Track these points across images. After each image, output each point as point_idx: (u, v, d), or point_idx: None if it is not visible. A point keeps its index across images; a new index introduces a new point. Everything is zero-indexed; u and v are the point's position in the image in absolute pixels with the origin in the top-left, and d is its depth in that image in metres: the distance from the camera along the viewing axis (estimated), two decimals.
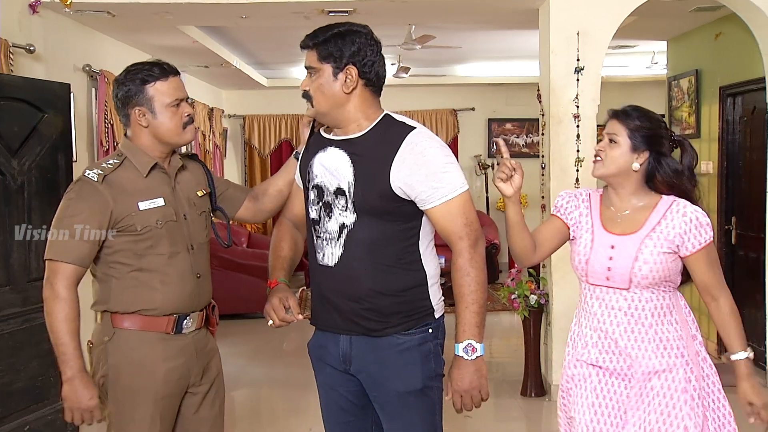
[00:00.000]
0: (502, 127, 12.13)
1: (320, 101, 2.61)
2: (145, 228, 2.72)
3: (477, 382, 2.58)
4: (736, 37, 6.46)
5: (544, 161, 5.86)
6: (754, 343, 6.35)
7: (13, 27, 5.07)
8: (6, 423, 4.53)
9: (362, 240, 2.58)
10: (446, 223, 2.57)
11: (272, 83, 11.56)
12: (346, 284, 2.61)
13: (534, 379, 5.82)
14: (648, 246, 2.69)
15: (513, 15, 6.36)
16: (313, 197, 2.70)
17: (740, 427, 2.84)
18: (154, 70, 2.75)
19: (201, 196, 2.95)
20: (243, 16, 6.15)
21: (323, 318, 2.73)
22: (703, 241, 2.69)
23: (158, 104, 2.74)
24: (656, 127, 2.75)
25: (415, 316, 2.63)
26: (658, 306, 2.74)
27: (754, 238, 6.37)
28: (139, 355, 2.76)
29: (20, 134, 4.67)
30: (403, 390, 2.62)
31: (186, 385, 2.87)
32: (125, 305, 2.75)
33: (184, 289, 2.81)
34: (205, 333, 2.97)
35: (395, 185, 2.53)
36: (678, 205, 2.72)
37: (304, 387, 6.32)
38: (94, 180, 2.68)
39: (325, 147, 2.69)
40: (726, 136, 6.80)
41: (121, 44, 7.18)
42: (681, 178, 2.76)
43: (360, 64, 2.58)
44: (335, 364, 2.72)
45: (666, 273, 2.70)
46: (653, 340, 2.73)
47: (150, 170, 2.79)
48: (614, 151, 2.75)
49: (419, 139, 2.56)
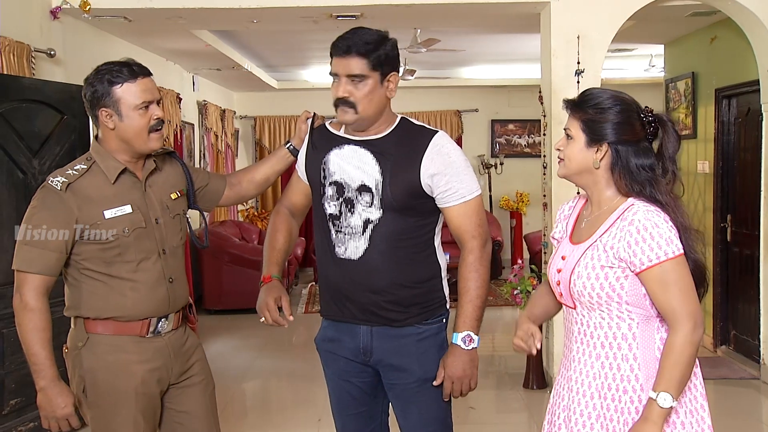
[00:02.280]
0: (504, 128, 12.18)
1: (367, 108, 2.63)
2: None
3: (470, 371, 2.68)
4: (730, 40, 6.53)
5: (545, 161, 5.94)
6: (747, 336, 6.51)
7: (35, 32, 5.22)
8: (28, 412, 4.67)
9: (387, 234, 2.67)
10: (461, 222, 2.69)
11: (282, 85, 11.68)
12: (369, 277, 2.69)
13: (535, 372, 5.91)
14: (587, 257, 2.25)
15: (515, 19, 6.42)
16: (331, 193, 2.74)
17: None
18: (123, 71, 2.63)
19: (175, 199, 2.84)
20: (254, 21, 6.23)
21: (337, 311, 2.79)
22: (654, 258, 2.13)
23: (125, 107, 2.62)
24: (616, 113, 2.23)
25: (432, 307, 2.75)
26: (610, 335, 2.24)
27: (748, 236, 6.46)
28: (114, 359, 2.69)
29: (41, 135, 4.79)
30: (422, 377, 2.72)
31: (166, 385, 2.81)
32: (97, 311, 2.67)
33: (155, 294, 2.72)
34: (184, 331, 2.88)
35: (424, 182, 2.64)
36: (630, 210, 2.20)
37: (311, 379, 6.46)
38: (57, 189, 2.59)
39: (341, 144, 2.74)
40: (721, 136, 6.86)
41: (137, 48, 7.28)
42: (645, 173, 2.24)
43: (397, 70, 2.68)
44: (351, 355, 2.79)
45: (610, 292, 2.20)
46: (598, 376, 2.26)
47: (118, 176, 2.68)
48: (571, 147, 2.30)
49: (444, 142, 2.68)
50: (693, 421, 2.26)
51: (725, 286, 6.92)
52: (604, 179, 2.28)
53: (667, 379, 2.13)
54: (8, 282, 4.47)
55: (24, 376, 4.62)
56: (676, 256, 2.14)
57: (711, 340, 7.01)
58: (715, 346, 6.99)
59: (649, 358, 2.23)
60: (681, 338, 2.13)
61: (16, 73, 4.80)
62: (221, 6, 5.66)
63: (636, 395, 2.22)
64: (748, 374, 6.25)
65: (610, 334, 2.25)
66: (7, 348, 4.53)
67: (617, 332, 2.24)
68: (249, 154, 12.26)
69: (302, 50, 9.13)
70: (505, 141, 12.13)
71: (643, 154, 2.25)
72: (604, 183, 2.29)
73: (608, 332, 2.25)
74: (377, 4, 5.69)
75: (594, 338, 2.28)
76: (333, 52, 2.64)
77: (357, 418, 2.89)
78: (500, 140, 12.11)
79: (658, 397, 2.12)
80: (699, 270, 2.27)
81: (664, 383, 2.13)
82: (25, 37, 5.02)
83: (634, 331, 2.23)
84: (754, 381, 6.13)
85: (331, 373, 2.90)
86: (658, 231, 2.14)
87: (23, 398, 4.64)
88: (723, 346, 6.96)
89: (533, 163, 9.15)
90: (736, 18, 5.87)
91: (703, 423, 2.28)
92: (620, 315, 2.23)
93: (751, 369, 6.31)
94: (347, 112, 2.63)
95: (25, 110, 4.69)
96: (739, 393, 5.95)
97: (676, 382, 2.13)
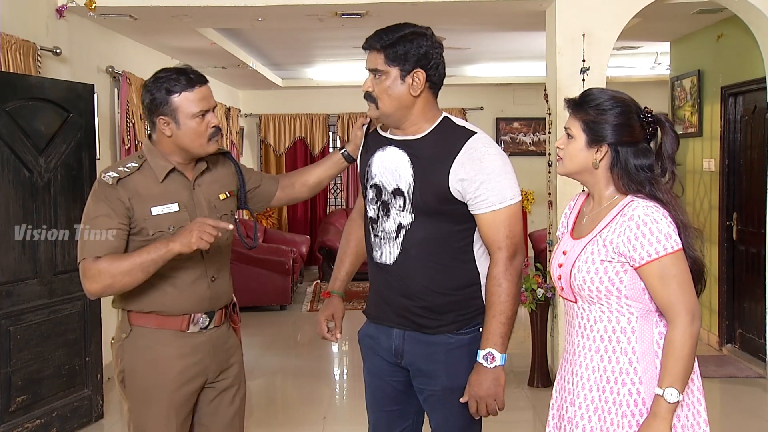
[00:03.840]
0: (509, 126, 12.16)
1: (386, 103, 2.60)
2: (157, 233, 2.67)
3: (493, 391, 2.57)
4: (737, 38, 6.53)
5: (550, 159, 5.95)
6: (753, 335, 6.50)
7: (41, 31, 5.24)
8: (35, 409, 4.71)
9: (419, 240, 2.62)
10: (489, 231, 2.58)
11: (287, 83, 11.68)
12: (402, 282, 2.66)
13: (540, 370, 5.95)
14: (587, 252, 2.29)
15: (520, 17, 6.42)
16: (371, 196, 2.73)
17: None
18: (181, 79, 2.66)
19: (223, 199, 2.87)
20: (259, 19, 6.23)
21: (377, 311, 2.80)
22: (653, 252, 2.17)
23: (182, 115, 2.66)
24: (616, 114, 2.28)
25: (468, 315, 2.66)
26: (609, 329, 2.28)
27: (754, 234, 6.46)
28: (154, 352, 2.74)
29: (47, 133, 4.81)
30: (448, 386, 2.67)
31: (203, 382, 2.84)
32: (140, 305, 2.73)
33: (195, 291, 2.76)
34: (226, 330, 2.92)
35: (453, 187, 2.55)
36: (630, 206, 2.25)
37: (317, 377, 6.52)
38: (109, 183, 2.65)
39: (384, 146, 2.72)
40: (727, 134, 6.86)
41: (142, 46, 7.28)
42: (644, 173, 2.28)
43: (427, 68, 2.58)
44: (386, 356, 2.78)
45: (609, 286, 2.24)
46: (597, 369, 2.30)
47: (167, 175, 2.73)
48: (571, 146, 2.34)
49: (479, 145, 2.57)
50: (689, 414, 2.29)
51: (731, 284, 6.91)
52: (603, 178, 2.33)
53: (671, 374, 2.16)
54: (14, 280, 4.57)
55: (31, 374, 4.66)
56: (675, 251, 2.18)
57: (717, 339, 7.01)
58: (720, 345, 6.97)
59: (648, 351, 2.26)
60: (680, 332, 2.17)
61: (22, 71, 4.82)
62: (227, 4, 5.67)
63: (635, 388, 2.25)
64: (754, 373, 6.24)
65: (610, 328, 2.28)
66: (14, 346, 4.55)
67: (616, 326, 2.28)
68: (254, 152, 12.28)
69: (307, 48, 9.14)
70: (510, 139, 12.11)
71: (642, 155, 2.29)
72: (604, 182, 2.34)
73: (608, 326, 2.29)
74: (383, 2, 5.70)
75: (594, 332, 2.31)
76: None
77: (390, 415, 2.88)
78: (505, 138, 12.09)
79: (664, 393, 2.15)
80: (697, 267, 2.30)
81: (669, 378, 2.16)
82: (31, 36, 5.04)
83: (633, 325, 2.26)
84: (761, 380, 6.12)
85: (368, 368, 2.90)
86: (657, 226, 2.18)
87: (30, 395, 4.67)
88: (729, 345, 6.95)
89: (538, 161, 9.13)
90: (742, 15, 5.87)
91: (699, 416, 2.30)
92: (620, 309, 2.27)
93: (757, 368, 6.30)
94: (370, 107, 2.65)
95: (31, 108, 4.71)
96: (745, 391, 5.95)
97: (681, 376, 2.16)
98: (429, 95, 2.65)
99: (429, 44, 2.59)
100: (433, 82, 2.63)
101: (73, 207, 4.98)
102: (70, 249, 4.97)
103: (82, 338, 5.11)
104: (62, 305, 4.95)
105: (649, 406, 2.22)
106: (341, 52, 9.19)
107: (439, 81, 2.65)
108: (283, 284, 8.89)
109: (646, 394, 2.24)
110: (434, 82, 2.64)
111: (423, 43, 2.58)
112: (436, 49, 2.61)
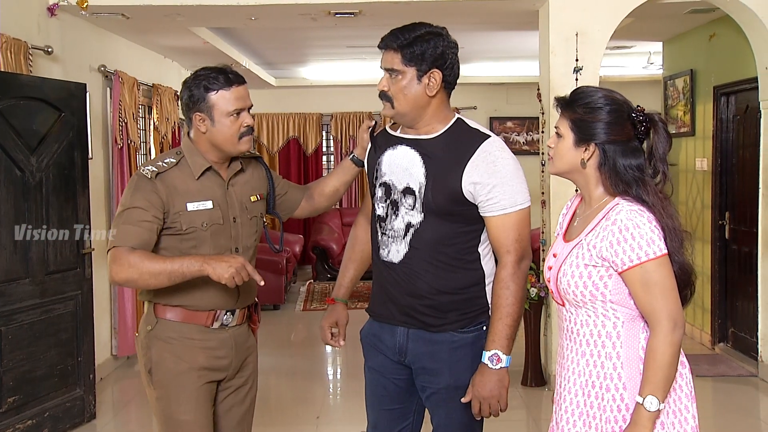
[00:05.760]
0: (503, 125, 12.19)
1: (402, 103, 2.62)
2: (190, 228, 2.74)
3: (497, 392, 2.59)
4: (729, 38, 6.55)
5: (544, 158, 5.95)
6: (746, 334, 6.52)
7: (32, 29, 5.22)
8: (27, 409, 4.70)
9: (428, 239, 2.63)
10: (498, 234, 2.60)
11: (280, 83, 11.69)
12: (408, 281, 2.68)
13: (534, 369, 5.93)
14: (572, 256, 2.28)
15: (513, 16, 6.43)
16: (380, 195, 2.74)
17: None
18: (219, 78, 2.72)
19: (254, 201, 2.93)
20: (252, 18, 6.22)
21: (382, 309, 2.81)
22: (635, 258, 2.14)
23: (218, 113, 2.73)
24: (606, 113, 2.24)
25: (471, 314, 2.69)
26: (595, 333, 2.26)
27: (746, 233, 6.47)
28: (179, 343, 2.80)
29: (38, 132, 4.80)
30: (452, 384, 2.69)
31: (224, 377, 2.90)
32: (168, 298, 2.78)
33: (223, 290, 2.79)
34: (247, 329, 2.99)
35: (466, 189, 2.57)
36: (615, 209, 2.21)
37: (310, 376, 6.52)
38: (147, 176, 2.70)
39: (395, 144, 2.73)
40: (720, 134, 6.88)
41: (135, 45, 7.26)
42: (632, 173, 2.23)
43: (443, 68, 2.60)
44: (389, 354, 2.80)
45: (594, 290, 2.22)
46: (583, 373, 2.30)
47: (203, 173, 2.79)
48: (560, 145, 2.32)
49: (493, 149, 2.59)
50: (675, 421, 2.24)
51: (723, 283, 6.93)
52: (593, 178, 2.30)
53: (651, 383, 2.13)
54: (5, 280, 4.55)
55: (22, 374, 4.64)
56: (657, 257, 2.15)
57: (709, 338, 7.03)
58: (713, 344, 6.99)
59: (633, 357, 2.23)
60: (661, 339, 2.14)
61: (14, 70, 4.80)
62: (220, 3, 5.67)
63: (618, 393, 2.23)
64: (746, 371, 6.26)
65: (595, 332, 2.27)
66: (5, 346, 4.54)
67: (602, 330, 2.25)
68: None
69: (301, 48, 9.14)
70: (504, 138, 12.10)
71: (632, 154, 2.24)
72: (594, 182, 2.30)
73: (593, 330, 2.27)
74: (376, 1, 5.69)
75: (580, 336, 2.30)
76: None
77: (390, 414, 2.89)
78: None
79: (644, 402, 2.13)
80: (685, 273, 2.26)
81: (649, 387, 2.13)
82: (23, 34, 5.02)
83: (618, 329, 2.24)
84: (752, 378, 6.14)
85: (369, 367, 2.91)
86: (639, 231, 2.15)
87: (21, 396, 4.66)
88: (721, 344, 6.97)
89: (531, 161, 9.13)
90: (734, 15, 5.88)
91: (687, 424, 2.25)
92: (605, 313, 2.24)
93: (749, 366, 6.31)
94: (385, 105, 2.67)
95: (22, 107, 4.70)
96: (737, 390, 5.96)
97: (661, 385, 2.13)
98: (443, 95, 2.67)
99: (445, 44, 2.61)
100: (448, 82, 2.65)
101: (65, 206, 4.97)
102: (62, 249, 4.96)
103: (75, 338, 5.10)
104: (54, 305, 4.94)
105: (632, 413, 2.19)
106: (334, 51, 9.20)
107: (453, 81, 2.67)
108: (276, 284, 8.88)
109: (630, 399, 2.21)
110: (449, 82, 2.66)
111: (440, 44, 2.60)
112: (452, 49, 2.64)
